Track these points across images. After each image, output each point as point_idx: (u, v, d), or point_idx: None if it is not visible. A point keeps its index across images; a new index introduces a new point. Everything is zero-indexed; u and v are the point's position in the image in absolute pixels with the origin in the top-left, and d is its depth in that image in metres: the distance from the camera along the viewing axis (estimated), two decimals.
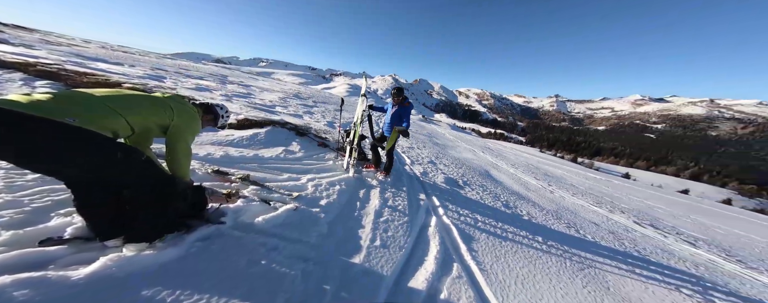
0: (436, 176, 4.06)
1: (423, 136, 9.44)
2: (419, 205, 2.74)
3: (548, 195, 4.91)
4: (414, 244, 1.99)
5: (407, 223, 2.25)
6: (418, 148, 6.41)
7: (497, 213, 3.11)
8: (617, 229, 3.67)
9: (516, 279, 1.81)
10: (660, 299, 1.90)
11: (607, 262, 2.41)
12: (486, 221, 2.71)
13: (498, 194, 4.00)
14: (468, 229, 2.40)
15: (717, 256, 3.32)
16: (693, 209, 7.96)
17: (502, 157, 9.71)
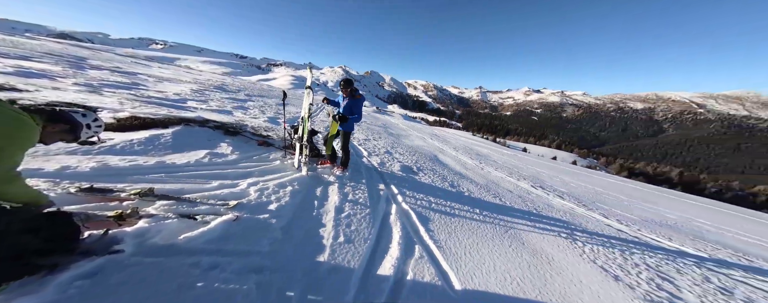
0: (393, 165, 4.02)
1: (378, 128, 9.24)
2: (379, 196, 2.62)
3: (480, 172, 5.53)
4: (378, 234, 1.89)
5: (369, 214, 2.12)
6: (375, 139, 6.23)
7: (446, 193, 3.26)
8: (522, 193, 4.31)
9: (465, 250, 1.92)
10: (551, 244, 2.31)
11: (520, 221, 2.78)
12: (438, 202, 2.80)
13: (445, 176, 4.22)
14: (424, 212, 2.42)
15: (574, 204, 4.26)
16: (559, 171, 9.95)
17: (446, 142, 10.45)
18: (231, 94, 7.60)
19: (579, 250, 2.27)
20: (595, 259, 2.14)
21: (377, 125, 10.17)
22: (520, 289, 1.57)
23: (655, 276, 1.97)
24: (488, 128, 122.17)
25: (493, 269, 1.74)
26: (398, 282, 1.47)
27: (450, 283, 1.55)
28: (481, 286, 1.56)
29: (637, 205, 5.39)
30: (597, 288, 1.68)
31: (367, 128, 8.36)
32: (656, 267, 2.16)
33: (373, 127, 9.01)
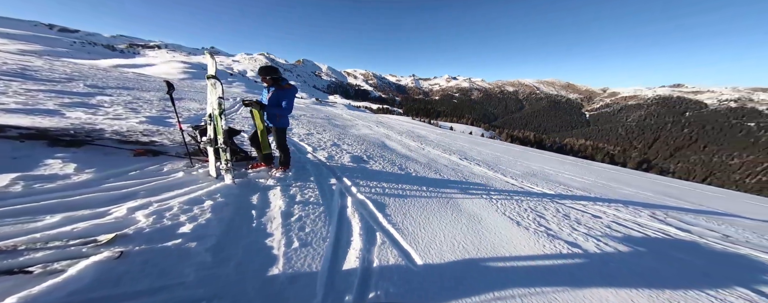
0: (342, 157, 3.78)
1: (321, 120, 8.52)
2: (332, 190, 2.40)
3: (422, 152, 5.98)
4: (337, 230, 1.76)
5: (324, 212, 1.93)
6: (319, 132, 5.70)
7: (396, 177, 3.31)
8: (453, 165, 4.87)
9: (419, 226, 2.00)
10: (478, 206, 2.70)
11: (455, 191, 3.12)
12: (390, 186, 2.80)
13: (394, 160, 4.27)
14: (380, 199, 2.38)
15: (486, 169, 5.25)
16: (475, 143, 12.02)
17: (391, 128, 10.72)
18: (51, 85, 5.07)
19: (494, 206, 2.79)
20: (505, 211, 2.69)
21: (320, 118, 9.35)
22: (465, 250, 1.80)
23: (536, 216, 2.66)
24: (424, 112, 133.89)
25: (443, 238, 1.90)
26: (365, 271, 1.43)
27: (412, 260, 1.61)
28: (436, 256, 1.68)
29: (519, 162, 7.15)
30: (508, 234, 2.10)
31: (309, 122, 7.57)
32: (534, 208, 2.92)
33: (315, 120, 8.24)
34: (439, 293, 1.34)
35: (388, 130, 9.82)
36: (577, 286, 1.50)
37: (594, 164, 12.21)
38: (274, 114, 2.32)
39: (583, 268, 1.71)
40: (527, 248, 1.88)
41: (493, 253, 1.76)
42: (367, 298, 1.23)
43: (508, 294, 1.38)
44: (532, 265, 1.69)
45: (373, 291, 1.30)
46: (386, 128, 10.26)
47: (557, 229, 2.33)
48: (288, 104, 2.29)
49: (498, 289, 1.41)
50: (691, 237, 2.57)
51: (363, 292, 1.29)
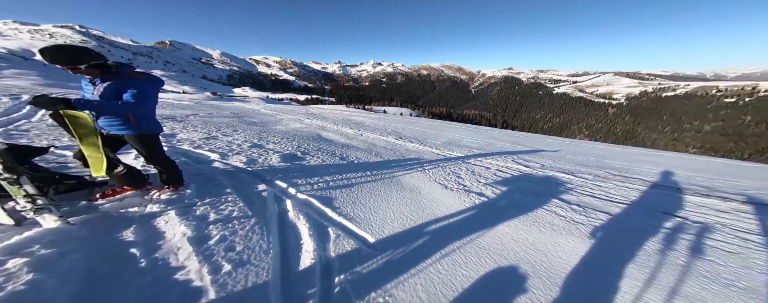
0: (269, 158, 3.25)
1: (228, 119, 6.86)
2: (263, 198, 2.08)
3: (361, 138, 5.96)
4: (281, 238, 1.57)
5: (257, 223, 1.67)
6: (227, 134, 4.61)
7: (338, 167, 3.20)
8: (391, 146, 5.15)
9: (370, 211, 2.04)
10: (416, 178, 3.03)
11: (396, 169, 3.35)
12: (334, 179, 2.70)
13: (334, 151, 4.08)
14: (325, 193, 2.26)
15: (418, 145, 5.92)
16: (406, 122, 13.19)
17: (325, 119, 9.95)
18: None
19: (427, 176, 3.22)
20: (435, 178, 3.16)
21: (225, 116, 7.46)
22: (412, 221, 1.99)
23: (455, 177, 3.28)
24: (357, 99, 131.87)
25: (393, 216, 2.04)
26: (325, 267, 1.37)
27: (369, 243, 1.65)
28: (390, 233, 1.79)
29: (439, 134, 8.51)
30: (440, 198, 2.49)
31: (206, 122, 5.91)
32: (454, 171, 3.60)
33: (216, 119, 6.50)
34: (398, 264, 1.46)
35: (322, 120, 9.08)
36: (489, 227, 1.97)
37: (481, 128, 16.29)
38: (119, 114, 1.53)
39: (489, 211, 2.28)
40: (455, 206, 2.29)
41: (433, 217, 2.05)
42: (334, 288, 1.22)
43: (450, 249, 1.65)
44: (460, 218, 2.09)
45: (337, 277, 1.29)
46: (320, 119, 9.45)
47: (469, 184, 2.98)
48: (139, 98, 1.53)
49: (442, 247, 1.67)
50: (529, 170, 3.97)
51: (328, 284, 1.26)
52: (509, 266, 1.45)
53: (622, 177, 3.81)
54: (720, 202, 2.77)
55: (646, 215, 2.29)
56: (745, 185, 3.76)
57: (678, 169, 4.89)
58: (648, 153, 8.66)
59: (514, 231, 1.86)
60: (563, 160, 5.10)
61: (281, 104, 27.03)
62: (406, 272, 1.38)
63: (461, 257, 1.53)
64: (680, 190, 3.20)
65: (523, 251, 1.60)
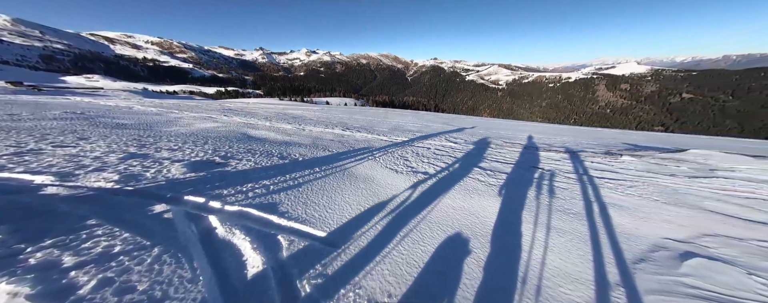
0: (166, 170, 2.40)
1: (63, 122, 4.53)
2: (166, 220, 1.57)
3: (303, 133, 5.30)
4: (211, 260, 1.26)
5: (166, 252, 1.27)
6: (65, 145, 3.09)
7: (279, 168, 2.76)
8: (339, 137, 4.89)
9: (325, 208, 1.90)
10: (368, 168, 3.02)
11: (347, 161, 3.22)
12: (275, 181, 2.33)
13: (270, 151, 3.48)
14: (264, 199, 1.93)
15: (366, 134, 5.89)
16: (352, 113, 12.78)
17: (252, 115, 8.17)
18: None
19: (379, 163, 3.25)
20: (386, 165, 3.23)
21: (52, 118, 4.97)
22: (370, 210, 1.97)
23: (403, 161, 3.48)
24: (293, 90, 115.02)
25: (350, 209, 1.95)
26: (282, 277, 1.20)
27: (329, 241, 1.53)
28: (349, 227, 1.71)
29: (385, 121, 8.76)
30: (393, 182, 2.59)
31: (9, 129, 3.78)
32: (402, 155, 3.81)
33: (32, 122, 4.30)
34: (363, 256, 1.43)
35: (248, 117, 7.47)
36: (436, 202, 2.21)
37: (419, 113, 18.03)
38: None
39: (434, 187, 2.57)
40: (406, 188, 2.44)
41: (389, 203, 2.10)
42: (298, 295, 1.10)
43: (408, 229, 1.74)
44: (413, 199, 2.24)
45: (299, 283, 1.16)
46: (244, 116, 7.72)
47: (415, 165, 3.23)
48: None
49: (400, 228, 1.74)
50: (457, 146, 4.77)
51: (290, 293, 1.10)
52: (455, 233, 1.67)
53: (511, 143, 5.14)
54: (554, 154, 4.20)
55: (524, 170, 3.19)
56: (564, 141, 5.88)
57: (534, 133, 7.13)
58: (520, 124, 12.30)
59: (453, 201, 2.15)
60: (477, 135, 6.36)
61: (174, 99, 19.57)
62: (371, 261, 1.37)
63: (418, 235, 1.63)
64: (537, 148, 4.65)
65: (463, 218, 1.89)
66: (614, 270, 1.28)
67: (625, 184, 2.82)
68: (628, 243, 1.54)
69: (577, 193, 2.42)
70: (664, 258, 1.38)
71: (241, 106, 12.49)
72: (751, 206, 2.27)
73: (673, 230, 1.72)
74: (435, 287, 1.18)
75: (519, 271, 1.29)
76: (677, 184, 2.85)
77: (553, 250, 1.47)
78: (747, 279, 1.19)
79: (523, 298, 1.10)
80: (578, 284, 1.18)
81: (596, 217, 1.92)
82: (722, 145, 6.73)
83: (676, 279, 1.19)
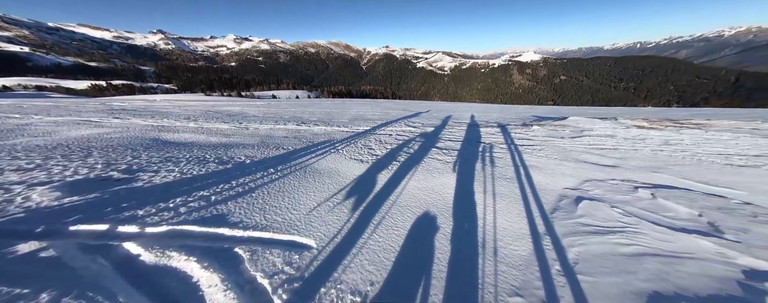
0: (21, 199, 1.64)
1: None
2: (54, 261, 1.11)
3: (247, 132, 4.42)
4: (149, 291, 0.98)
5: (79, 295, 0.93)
6: None
7: (220, 174, 2.26)
8: (294, 133, 4.39)
9: (288, 210, 1.68)
10: (331, 161, 2.83)
11: (308, 157, 2.92)
12: (216, 190, 1.90)
13: (201, 156, 2.79)
14: (207, 212, 1.56)
15: (325, 126, 5.45)
16: (306, 106, 11.47)
17: (164, 115, 6.25)
18: None
19: (342, 155, 3.05)
20: (351, 156, 3.05)
21: None
22: (338, 204, 1.85)
23: (367, 150, 3.38)
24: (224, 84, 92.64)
25: (319, 207, 1.78)
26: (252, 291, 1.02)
27: (302, 245, 1.35)
28: (321, 225, 1.56)
29: (344, 112, 8.27)
30: (360, 172, 2.51)
31: None
32: (365, 144, 3.69)
33: None
34: (338, 251, 1.33)
35: (157, 118, 5.72)
36: (403, 185, 2.26)
37: (378, 101, 17.93)
38: None
39: (400, 172, 2.61)
40: (374, 177, 2.41)
41: (358, 194, 2.02)
42: None
43: (380, 217, 1.72)
44: (381, 186, 2.22)
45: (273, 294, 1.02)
46: (148, 117, 5.88)
47: (380, 153, 3.18)
48: None
49: (373, 217, 1.70)
50: (416, 130, 5.00)
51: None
52: (423, 213, 1.73)
53: (459, 123, 5.74)
54: (490, 129, 4.94)
55: (471, 145, 3.63)
56: (495, 117, 7.00)
57: (475, 113, 8.28)
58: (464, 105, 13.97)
59: (418, 183, 2.22)
60: (432, 118, 6.81)
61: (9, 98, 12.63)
62: (348, 254, 1.30)
63: (391, 221, 1.61)
64: (477, 125, 5.39)
65: (428, 197, 1.97)
66: (541, 222, 1.60)
67: (537, 148, 3.56)
68: (545, 197, 1.94)
69: (509, 161, 2.89)
70: (567, 204, 1.81)
71: (143, 104, 9.29)
72: (604, 154, 3.25)
73: (568, 181, 2.28)
74: (412, 267, 1.21)
75: (479, 237, 1.44)
76: (565, 144, 3.80)
77: (500, 213, 1.71)
78: (611, 211, 1.69)
79: (485, 262, 1.22)
80: (521, 239, 1.41)
81: (523, 178, 2.35)
82: (585, 112, 9.38)
83: (576, 221, 1.58)
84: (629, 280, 1.05)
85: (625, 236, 1.39)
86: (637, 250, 1.26)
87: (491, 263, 1.22)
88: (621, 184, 2.20)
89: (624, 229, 1.47)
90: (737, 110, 10.30)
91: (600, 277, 1.09)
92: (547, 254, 1.27)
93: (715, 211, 1.66)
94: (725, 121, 5.61)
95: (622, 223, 1.54)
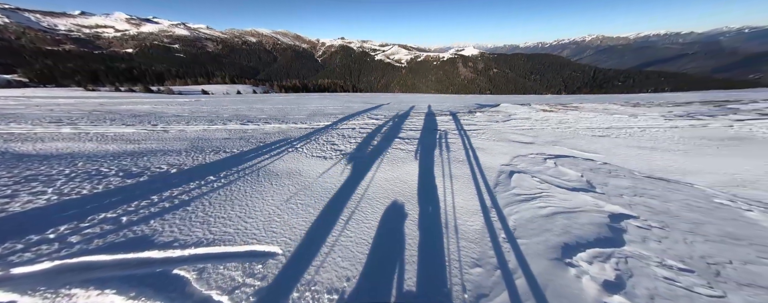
0: None
1: None
2: None
3: (167, 136, 3.42)
4: None
5: None
6: None
7: (128, 190, 1.71)
8: (238, 134, 3.72)
9: (242, 219, 1.41)
10: (290, 161, 2.52)
11: (259, 159, 2.52)
12: (126, 211, 1.44)
13: (92, 170, 2.06)
14: (115, 239, 1.20)
15: (279, 124, 4.79)
16: (251, 102, 9.77)
17: (8, 119, 4.18)
18: None
19: (303, 154, 2.74)
20: (312, 153, 2.77)
21: None
22: (303, 205, 1.67)
23: (331, 146, 3.16)
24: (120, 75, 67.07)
25: (278, 211, 1.57)
26: None
27: (267, 254, 1.17)
28: (285, 229, 1.38)
29: (300, 108, 7.45)
30: (324, 169, 2.33)
31: None
32: (327, 140, 3.42)
33: None
34: (308, 253, 1.21)
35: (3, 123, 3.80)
36: (370, 178, 2.21)
37: (338, 95, 16.96)
38: None
39: (366, 164, 2.56)
40: (340, 172, 2.28)
41: (324, 192, 1.88)
42: None
43: (349, 212, 1.64)
44: (348, 181, 2.11)
45: None
46: None
47: (344, 147, 3.01)
48: None
49: (342, 213, 1.61)
50: (379, 122, 4.98)
51: None
52: (392, 202, 1.74)
53: (418, 113, 6.03)
54: (444, 117, 5.40)
55: (429, 132, 3.88)
56: (448, 106, 7.69)
57: (431, 103, 8.89)
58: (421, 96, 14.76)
59: (385, 174, 2.21)
60: (393, 109, 6.90)
61: None
62: (320, 254, 1.21)
63: (361, 215, 1.56)
64: (433, 114, 5.80)
65: (395, 187, 1.99)
66: (488, 197, 1.84)
67: (480, 131, 4.10)
68: (488, 174, 2.25)
69: (460, 145, 3.22)
70: (504, 179, 2.15)
71: None
72: (524, 134, 4.03)
73: (503, 158, 2.71)
74: (386, 257, 1.21)
75: (442, 218, 1.54)
76: (499, 127, 4.52)
77: (457, 193, 1.88)
78: (532, 180, 2.10)
79: (449, 240, 1.32)
80: (474, 215, 1.59)
81: (472, 160, 2.66)
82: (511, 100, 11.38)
83: (511, 192, 1.90)
84: (548, 238, 1.34)
85: (542, 200, 1.75)
86: (550, 210, 1.62)
87: (454, 241, 1.33)
88: (536, 157, 2.77)
89: (541, 194, 1.85)
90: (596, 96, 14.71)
91: (530, 239, 1.34)
92: (495, 225, 1.47)
93: (589, 172, 2.30)
94: (589, 104, 7.84)
95: (539, 189, 1.94)
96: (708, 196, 1.79)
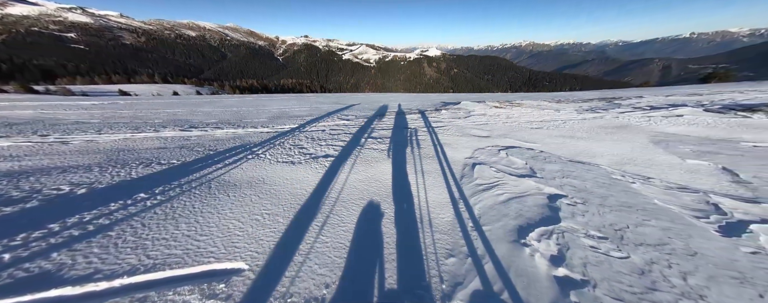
0: None
1: None
2: None
3: (65, 148, 2.63)
4: None
5: None
6: None
7: (15, 222, 1.27)
8: (181, 142, 3.13)
9: (193, 239, 1.18)
10: (251, 169, 2.25)
11: (210, 169, 2.16)
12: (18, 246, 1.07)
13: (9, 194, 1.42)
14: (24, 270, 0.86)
15: (234, 129, 4.17)
16: (193, 105, 8.32)
17: None
18: None
19: (266, 160, 2.46)
20: (278, 159, 2.51)
21: None
22: (271, 215, 1.50)
23: (298, 150, 2.92)
24: None
25: (241, 224, 1.37)
26: None
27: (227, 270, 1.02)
28: (250, 242, 1.22)
29: (259, 110, 6.67)
30: (292, 175, 2.14)
31: None
32: (294, 144, 3.15)
33: None
34: (280, 266, 1.10)
35: None
36: (343, 180, 2.13)
37: (304, 95, 15.83)
38: None
39: (337, 167, 2.44)
40: (310, 177, 2.13)
41: (293, 199, 1.73)
42: None
43: (323, 217, 1.54)
44: (319, 185, 1.98)
45: None
46: None
47: (314, 151, 2.82)
48: None
49: (315, 219, 1.49)
50: (350, 122, 4.87)
51: None
52: (368, 203, 1.71)
53: (389, 112, 6.12)
54: (413, 115, 5.63)
55: (400, 130, 3.99)
56: (416, 105, 8.04)
57: (401, 102, 9.14)
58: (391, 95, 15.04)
59: (359, 175, 2.15)
60: (364, 109, 6.83)
61: None
62: (293, 264, 1.11)
63: (336, 218, 1.49)
64: (403, 113, 5.99)
65: (370, 187, 1.97)
66: (455, 189, 1.98)
67: (446, 128, 4.42)
68: (455, 168, 2.43)
69: (430, 142, 3.39)
70: (468, 171, 2.36)
71: None
72: (482, 128, 4.53)
73: (466, 152, 2.97)
74: (365, 259, 1.19)
75: (417, 214, 1.58)
76: (461, 123, 4.96)
77: (429, 188, 1.97)
78: (489, 170, 2.37)
79: (425, 235, 1.36)
80: (445, 208, 1.69)
81: (440, 155, 2.83)
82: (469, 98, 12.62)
83: (474, 183, 2.09)
84: (507, 222, 1.52)
85: (498, 188, 1.99)
86: (506, 197, 1.85)
87: (429, 234, 1.38)
88: (492, 149, 3.14)
89: (497, 182, 2.10)
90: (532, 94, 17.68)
91: (493, 225, 1.50)
92: (463, 215, 1.60)
93: (530, 160, 2.72)
94: (527, 101, 9.36)
95: (495, 178, 2.19)
96: (608, 173, 2.33)
